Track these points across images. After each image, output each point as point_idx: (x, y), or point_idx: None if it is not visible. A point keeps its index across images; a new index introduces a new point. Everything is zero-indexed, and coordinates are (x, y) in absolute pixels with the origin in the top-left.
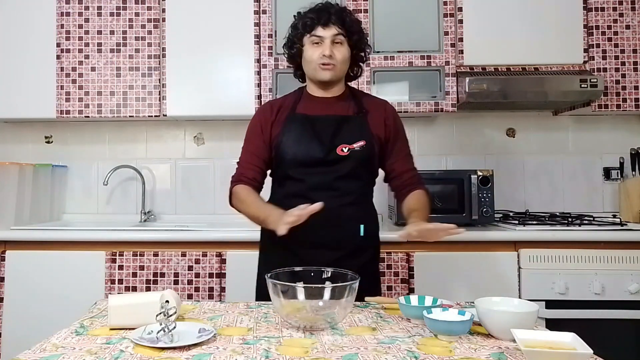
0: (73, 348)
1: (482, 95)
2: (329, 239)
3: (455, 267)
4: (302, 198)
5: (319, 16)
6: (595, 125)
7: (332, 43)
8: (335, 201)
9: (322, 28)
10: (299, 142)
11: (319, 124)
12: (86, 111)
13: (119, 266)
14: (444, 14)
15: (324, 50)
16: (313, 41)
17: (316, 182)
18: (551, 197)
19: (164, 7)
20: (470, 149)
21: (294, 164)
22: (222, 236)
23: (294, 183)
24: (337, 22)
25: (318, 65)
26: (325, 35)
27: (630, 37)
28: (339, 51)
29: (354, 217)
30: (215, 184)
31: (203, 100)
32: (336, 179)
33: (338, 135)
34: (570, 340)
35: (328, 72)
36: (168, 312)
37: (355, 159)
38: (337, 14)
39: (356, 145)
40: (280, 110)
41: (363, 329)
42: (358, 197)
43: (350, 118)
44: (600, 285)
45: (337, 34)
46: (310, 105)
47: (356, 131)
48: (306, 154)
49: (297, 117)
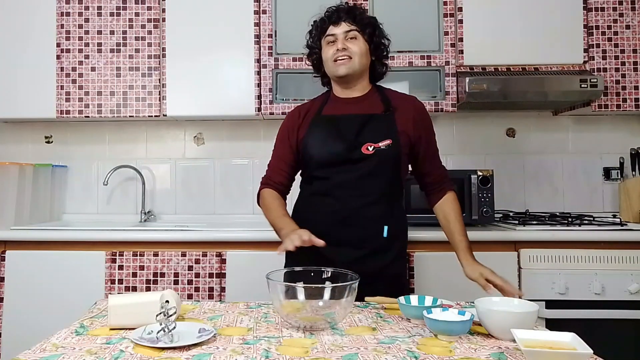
0: (73, 348)
1: (482, 95)
2: (351, 238)
3: (455, 267)
4: (326, 196)
5: (329, 16)
6: (595, 125)
7: (346, 39)
8: (359, 200)
9: (333, 26)
10: (323, 142)
11: (343, 123)
12: (86, 111)
13: (119, 266)
14: (444, 14)
15: (337, 45)
16: (328, 41)
17: (340, 181)
18: (551, 197)
19: (164, 7)
20: (470, 149)
21: (319, 164)
22: (222, 236)
23: (319, 182)
24: (348, 18)
25: (333, 62)
26: (337, 32)
27: (630, 37)
28: (353, 44)
29: (376, 217)
30: (215, 184)
31: (203, 100)
32: (360, 177)
33: (363, 133)
34: (570, 340)
35: (343, 66)
36: (168, 312)
37: (381, 158)
38: (346, 11)
39: (382, 144)
40: (307, 114)
41: (363, 329)
42: (383, 196)
43: (376, 116)
44: (600, 285)
45: (349, 30)
46: (335, 106)
47: (382, 129)
48: (330, 153)
49: (323, 119)
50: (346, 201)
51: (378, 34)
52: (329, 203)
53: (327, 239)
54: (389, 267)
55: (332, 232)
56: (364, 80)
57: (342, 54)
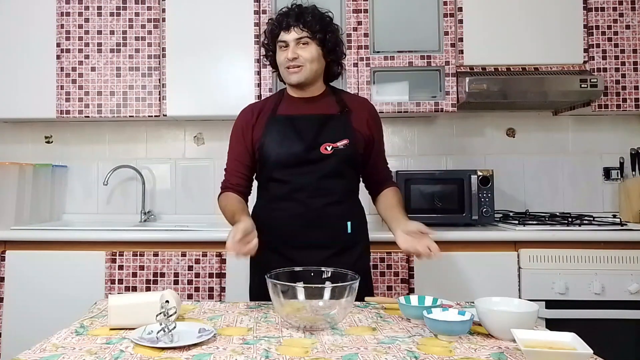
0: (73, 348)
1: (482, 95)
2: (316, 239)
3: (455, 267)
4: (286, 200)
5: (280, 21)
6: (595, 125)
7: (298, 45)
8: (321, 201)
9: (284, 33)
10: (281, 143)
11: (301, 123)
12: (86, 111)
13: (119, 266)
14: (444, 14)
15: (287, 53)
16: (280, 46)
17: (300, 183)
18: (551, 197)
19: (164, 7)
20: (470, 149)
21: (277, 166)
22: (222, 236)
23: (278, 185)
24: (297, 24)
25: (285, 69)
26: (288, 39)
27: (630, 37)
28: (305, 51)
29: (339, 215)
30: (215, 184)
31: (203, 100)
32: (321, 178)
33: (321, 134)
34: (570, 340)
35: (295, 74)
36: (168, 312)
37: (340, 158)
38: (296, 17)
39: (340, 143)
40: (261, 114)
41: (363, 329)
42: (343, 195)
43: (333, 117)
44: (600, 285)
45: (300, 37)
46: (291, 106)
47: (340, 129)
48: (289, 154)
49: (279, 119)
50: (308, 203)
51: (330, 37)
52: (291, 206)
53: (293, 242)
54: (357, 264)
55: (298, 236)
56: (319, 82)
57: (293, 63)
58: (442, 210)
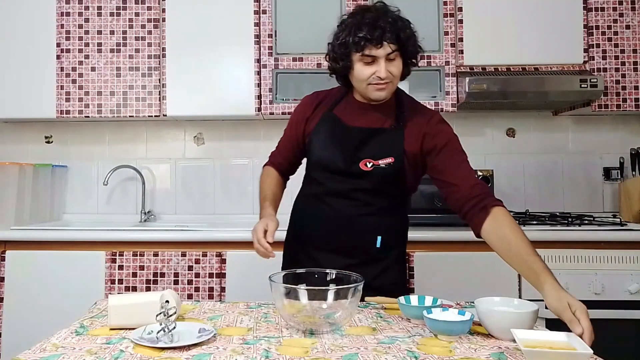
0: (73, 348)
1: (482, 95)
2: (342, 246)
3: (455, 267)
4: (319, 202)
5: (371, 34)
6: (595, 125)
7: (387, 60)
8: (354, 210)
9: (374, 47)
10: (325, 147)
11: (347, 133)
12: (86, 111)
13: (119, 266)
14: (444, 14)
15: (379, 72)
16: (365, 61)
17: (335, 189)
18: (551, 197)
19: (164, 7)
20: (470, 149)
21: (317, 167)
22: (222, 236)
23: (315, 185)
24: (392, 39)
25: (369, 85)
26: (379, 55)
27: (630, 37)
28: (394, 66)
29: (371, 229)
30: (215, 184)
31: (203, 100)
32: (356, 190)
33: (364, 148)
34: (570, 340)
35: (383, 92)
36: (168, 312)
37: (378, 176)
38: (391, 31)
39: (382, 162)
40: (320, 105)
41: (363, 329)
42: (380, 209)
43: (383, 131)
44: (600, 285)
45: (392, 52)
46: (347, 107)
47: (386, 146)
48: (329, 160)
49: (330, 119)
50: (341, 210)
51: (417, 50)
52: (324, 209)
53: (320, 244)
54: (380, 278)
55: (325, 239)
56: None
57: (384, 81)
58: (442, 210)
